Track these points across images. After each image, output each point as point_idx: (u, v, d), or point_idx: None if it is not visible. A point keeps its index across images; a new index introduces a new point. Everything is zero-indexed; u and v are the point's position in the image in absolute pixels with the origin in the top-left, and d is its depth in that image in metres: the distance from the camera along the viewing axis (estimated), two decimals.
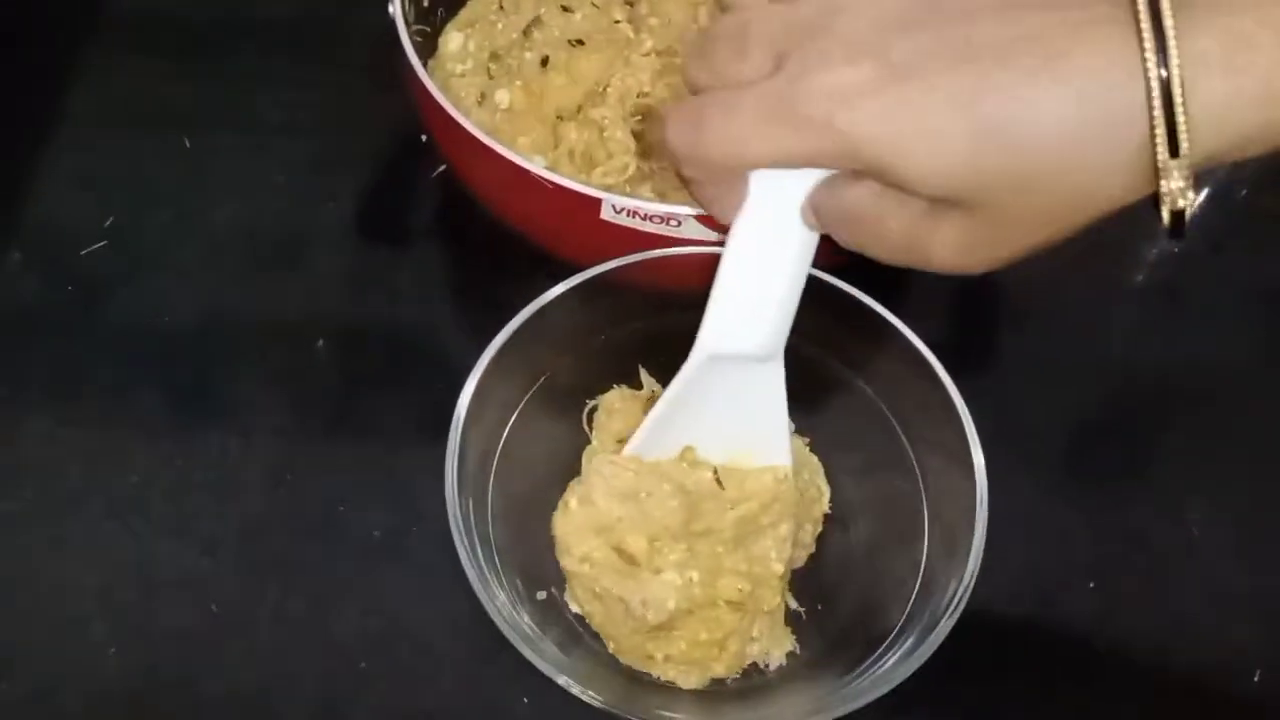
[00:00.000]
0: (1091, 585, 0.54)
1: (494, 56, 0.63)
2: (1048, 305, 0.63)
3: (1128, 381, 0.61)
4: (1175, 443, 0.59)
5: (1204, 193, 0.68)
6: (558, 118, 0.59)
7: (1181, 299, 0.64)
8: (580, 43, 0.60)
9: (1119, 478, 0.58)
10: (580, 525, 0.49)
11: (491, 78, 0.62)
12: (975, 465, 0.46)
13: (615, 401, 0.54)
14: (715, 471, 0.49)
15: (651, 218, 0.50)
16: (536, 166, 0.50)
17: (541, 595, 0.50)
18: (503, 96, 0.60)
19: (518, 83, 0.60)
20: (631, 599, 0.47)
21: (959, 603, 0.44)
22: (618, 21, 0.61)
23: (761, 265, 0.45)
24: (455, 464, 0.46)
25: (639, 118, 0.58)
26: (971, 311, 0.64)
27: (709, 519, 0.49)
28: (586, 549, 0.48)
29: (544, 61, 0.60)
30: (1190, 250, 0.66)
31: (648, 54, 0.59)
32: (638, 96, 0.58)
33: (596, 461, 0.49)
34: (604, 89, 0.59)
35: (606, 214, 0.51)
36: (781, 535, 0.49)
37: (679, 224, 0.51)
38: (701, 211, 0.50)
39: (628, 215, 0.51)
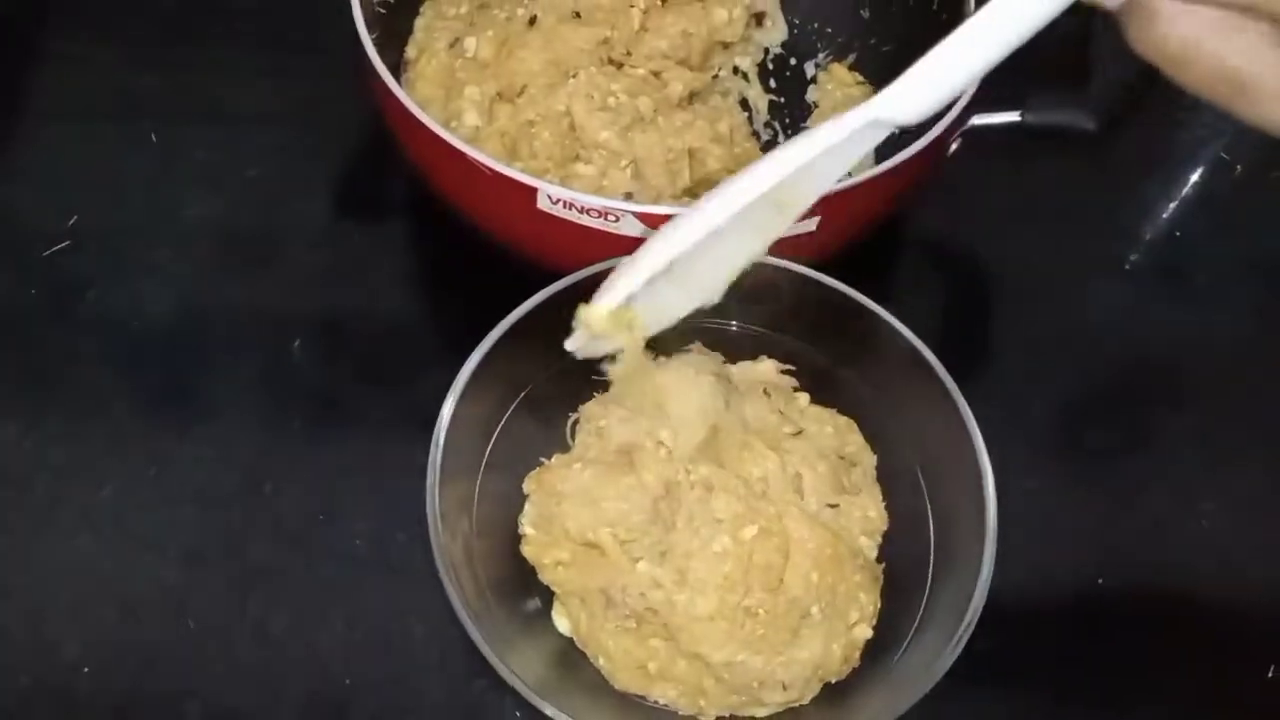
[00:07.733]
0: (1100, 581, 0.52)
1: (483, 5, 0.60)
2: (1038, 286, 0.62)
3: (1124, 361, 0.60)
4: (1183, 425, 0.57)
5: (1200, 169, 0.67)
6: (498, 95, 0.57)
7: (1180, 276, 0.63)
8: (577, 15, 0.58)
9: (1125, 464, 0.56)
10: (544, 544, 0.48)
11: (472, 24, 0.59)
12: (984, 479, 0.44)
13: (597, 410, 0.51)
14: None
15: (588, 210, 0.48)
16: (474, 150, 0.48)
17: (532, 605, 0.48)
18: (470, 44, 0.57)
19: (489, 32, 0.57)
20: (610, 586, 0.46)
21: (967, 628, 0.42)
22: (632, 5, 0.58)
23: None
24: (436, 488, 0.44)
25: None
26: (961, 295, 0.62)
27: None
28: (557, 556, 0.48)
29: (532, 21, 0.58)
30: (1192, 227, 0.64)
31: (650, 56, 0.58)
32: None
33: (528, 483, 0.49)
34: (573, 74, 0.56)
35: (543, 204, 0.49)
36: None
37: (617, 219, 0.48)
38: (642, 209, 0.48)
39: (563, 206, 0.48)
